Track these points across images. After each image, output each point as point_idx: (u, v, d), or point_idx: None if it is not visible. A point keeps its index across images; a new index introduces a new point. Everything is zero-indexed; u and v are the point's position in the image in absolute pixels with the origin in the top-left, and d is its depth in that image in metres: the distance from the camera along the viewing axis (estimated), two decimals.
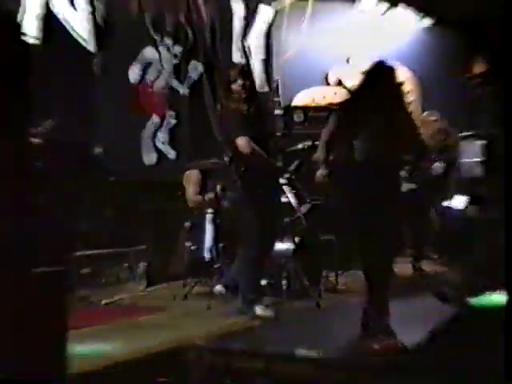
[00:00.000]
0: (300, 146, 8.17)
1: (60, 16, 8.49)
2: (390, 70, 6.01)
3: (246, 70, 7.44)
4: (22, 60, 3.95)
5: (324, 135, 6.07)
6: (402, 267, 9.13)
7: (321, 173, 6.03)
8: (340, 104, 6.16)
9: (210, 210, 8.00)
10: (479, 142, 10.68)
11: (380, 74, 6.00)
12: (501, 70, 11.15)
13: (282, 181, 7.62)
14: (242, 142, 6.55)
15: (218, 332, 6.02)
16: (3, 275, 3.66)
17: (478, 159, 10.51)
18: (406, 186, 9.07)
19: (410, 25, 12.08)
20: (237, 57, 10.50)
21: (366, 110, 5.85)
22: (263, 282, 7.27)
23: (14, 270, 3.77)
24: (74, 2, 8.66)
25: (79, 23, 8.67)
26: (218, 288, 7.29)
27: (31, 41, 7.92)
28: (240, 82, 6.76)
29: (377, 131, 5.75)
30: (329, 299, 7.44)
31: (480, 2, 10.33)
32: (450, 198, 10.15)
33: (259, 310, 6.57)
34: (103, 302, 7.57)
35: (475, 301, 5.11)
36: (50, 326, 3.94)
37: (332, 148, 5.99)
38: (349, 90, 8.33)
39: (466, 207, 10.06)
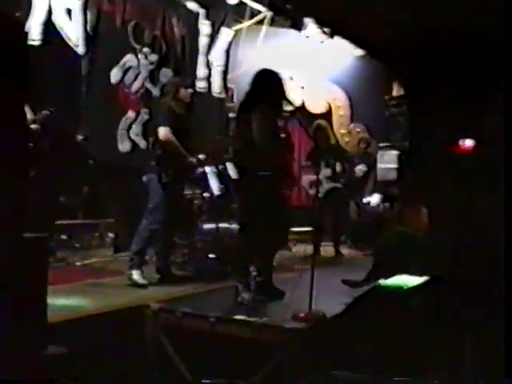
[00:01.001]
0: None
1: (57, 23, 8.36)
2: (275, 78, 6.18)
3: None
4: (24, 58, 3.90)
5: None
6: (327, 250, 9.27)
7: None
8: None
9: None
10: (394, 152, 10.82)
11: (264, 81, 6.12)
12: (412, 94, 11.33)
13: (232, 174, 7.60)
14: (162, 131, 6.45)
15: (171, 295, 6.00)
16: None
17: (392, 166, 10.64)
18: (328, 185, 9.18)
19: (345, 53, 12.17)
20: (201, 67, 10.45)
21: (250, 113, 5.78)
22: (211, 256, 7.25)
23: (8, 233, 3.74)
24: (71, 12, 8.55)
25: (72, 30, 8.56)
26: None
27: (34, 43, 7.80)
28: (191, 91, 6.76)
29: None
30: None
31: (399, 39, 10.45)
32: (368, 195, 10.28)
33: (135, 275, 6.45)
34: (78, 263, 7.53)
35: (383, 282, 5.19)
36: (34, 280, 3.92)
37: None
38: (291, 102, 8.30)
39: (380, 204, 10.20)
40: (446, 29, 9.86)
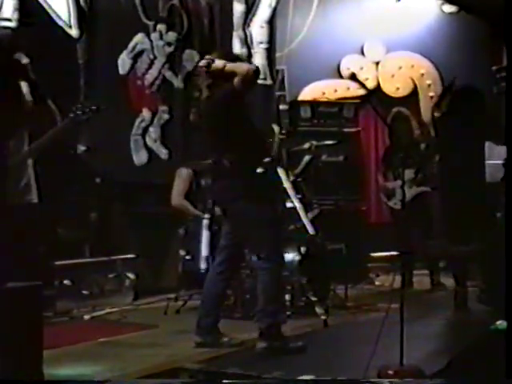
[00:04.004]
0: (306, 145, 8.12)
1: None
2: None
3: None
4: None
5: None
6: (421, 281, 9.19)
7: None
8: None
9: (206, 215, 7.96)
10: None
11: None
12: None
13: (286, 184, 7.57)
14: None
15: (214, 353, 5.94)
16: None
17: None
18: (413, 190, 9.11)
19: (431, 11, 12.07)
20: (237, 46, 10.45)
21: None
22: None
23: None
24: None
25: (62, 6, 8.65)
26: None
27: (4, 23, 7.86)
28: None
29: None
30: (337, 316, 7.40)
31: None
32: None
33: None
34: (86, 316, 7.55)
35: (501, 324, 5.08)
36: (23, 347, 3.92)
37: None
38: (363, 85, 8.32)
39: None
40: None
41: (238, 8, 10.44)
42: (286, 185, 7.58)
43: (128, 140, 9.44)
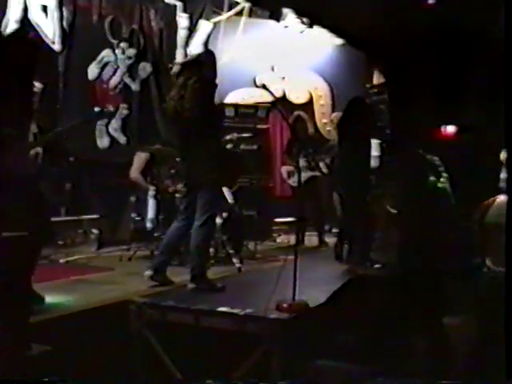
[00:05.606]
0: (228, 137, 8.15)
1: (33, 20, 8.37)
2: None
3: None
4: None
5: None
6: (311, 240, 9.31)
7: None
8: None
9: (152, 188, 7.97)
10: (375, 140, 10.81)
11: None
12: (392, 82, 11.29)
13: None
14: None
15: (155, 290, 5.95)
16: None
17: (375, 154, 10.64)
18: (306, 174, 9.22)
19: (325, 42, 12.14)
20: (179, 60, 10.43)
21: None
22: None
23: None
24: (46, 9, 8.54)
25: (48, 27, 8.55)
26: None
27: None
28: None
29: None
30: (248, 265, 7.48)
31: (378, 26, 10.43)
32: None
33: None
34: (61, 260, 7.52)
35: None
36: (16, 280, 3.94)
37: None
38: (271, 93, 8.40)
39: None
40: (423, 15, 9.88)
41: (181, 33, 10.39)
42: None
43: (94, 129, 9.40)
